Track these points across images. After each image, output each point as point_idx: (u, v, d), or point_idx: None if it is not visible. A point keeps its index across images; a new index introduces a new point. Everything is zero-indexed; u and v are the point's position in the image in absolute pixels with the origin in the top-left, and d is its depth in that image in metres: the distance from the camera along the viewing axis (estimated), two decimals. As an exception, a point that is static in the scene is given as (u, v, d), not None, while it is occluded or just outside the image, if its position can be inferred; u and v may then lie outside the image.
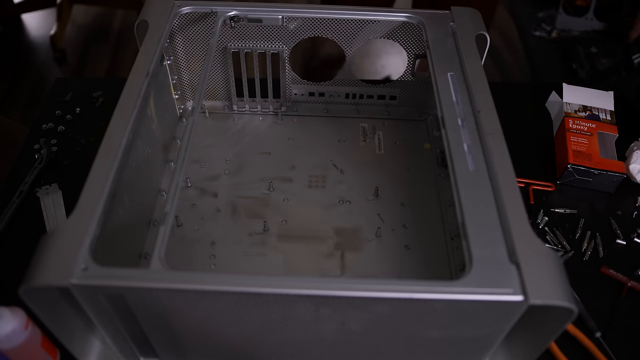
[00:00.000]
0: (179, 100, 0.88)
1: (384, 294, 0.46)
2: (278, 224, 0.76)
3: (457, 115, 0.62)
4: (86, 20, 2.48)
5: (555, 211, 0.83)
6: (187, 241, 0.74)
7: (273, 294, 0.46)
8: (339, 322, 0.51)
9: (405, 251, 0.73)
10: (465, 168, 0.56)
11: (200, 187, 0.80)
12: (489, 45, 0.74)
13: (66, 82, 1.02)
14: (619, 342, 0.69)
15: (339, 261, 0.71)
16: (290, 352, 0.58)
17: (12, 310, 0.57)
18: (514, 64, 2.26)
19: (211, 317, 0.51)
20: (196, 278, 0.47)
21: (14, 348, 0.57)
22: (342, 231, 0.75)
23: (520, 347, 0.58)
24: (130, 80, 0.64)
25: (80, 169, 0.74)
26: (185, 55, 0.85)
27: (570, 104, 0.92)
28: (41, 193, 0.82)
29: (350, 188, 0.80)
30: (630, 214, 0.84)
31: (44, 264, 0.46)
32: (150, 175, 0.74)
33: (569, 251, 0.78)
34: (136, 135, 0.62)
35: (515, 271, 0.47)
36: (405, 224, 0.76)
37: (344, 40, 0.83)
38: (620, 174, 0.84)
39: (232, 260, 0.72)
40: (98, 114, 0.96)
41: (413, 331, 0.52)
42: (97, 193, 0.52)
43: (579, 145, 0.87)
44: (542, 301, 0.45)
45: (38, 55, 2.30)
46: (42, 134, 0.92)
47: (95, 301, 0.49)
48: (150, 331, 0.55)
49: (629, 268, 0.76)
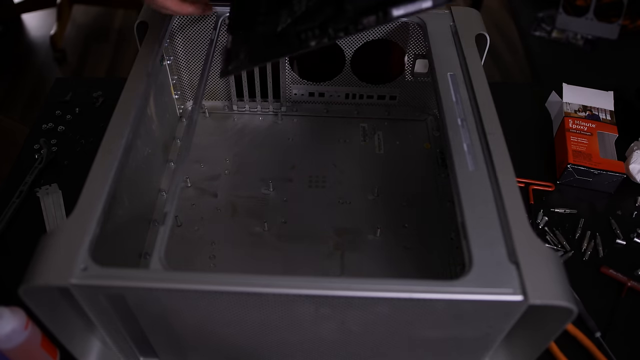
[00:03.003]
0: (179, 100, 0.88)
1: (384, 294, 0.46)
2: (278, 224, 0.76)
3: (457, 115, 0.62)
4: (86, 20, 2.48)
5: (555, 211, 0.84)
6: (187, 241, 0.74)
7: (273, 294, 0.46)
8: (339, 322, 0.51)
9: (405, 251, 0.73)
10: (465, 168, 0.56)
11: (200, 187, 0.80)
12: (488, 45, 0.74)
13: (66, 82, 1.02)
14: (619, 342, 0.69)
15: (339, 261, 0.71)
16: (290, 352, 0.58)
17: (12, 310, 0.57)
18: (514, 64, 2.26)
19: (211, 317, 0.51)
20: (196, 278, 0.47)
21: (13, 348, 0.57)
22: (342, 231, 0.75)
23: (520, 347, 0.58)
24: (130, 80, 0.64)
25: (80, 169, 0.74)
26: (185, 55, 0.85)
27: (570, 104, 0.92)
28: (41, 193, 0.82)
29: (350, 188, 0.80)
30: (630, 214, 0.84)
31: (44, 264, 0.46)
32: (150, 175, 0.74)
33: (568, 251, 0.78)
34: (136, 135, 0.62)
35: (515, 271, 0.47)
36: (405, 224, 0.76)
37: (344, 40, 0.83)
38: (620, 174, 0.84)
39: (232, 260, 0.72)
40: (98, 114, 0.96)
41: (413, 331, 0.52)
42: (97, 193, 0.52)
43: (578, 145, 0.87)
44: (541, 301, 0.45)
45: (38, 55, 2.30)
46: (42, 134, 0.92)
47: (95, 301, 0.49)
48: (150, 331, 0.55)
49: (629, 268, 0.76)
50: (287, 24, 0.54)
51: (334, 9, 0.51)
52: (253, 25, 0.58)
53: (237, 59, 0.56)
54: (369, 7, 0.48)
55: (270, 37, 0.55)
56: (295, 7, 0.55)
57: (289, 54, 0.53)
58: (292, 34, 0.53)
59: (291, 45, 0.52)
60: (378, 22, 0.48)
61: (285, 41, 0.53)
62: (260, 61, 0.56)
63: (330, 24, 0.50)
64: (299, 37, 0.52)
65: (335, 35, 0.50)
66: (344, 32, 0.50)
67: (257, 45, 0.56)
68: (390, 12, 0.47)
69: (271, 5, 0.59)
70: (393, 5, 0.47)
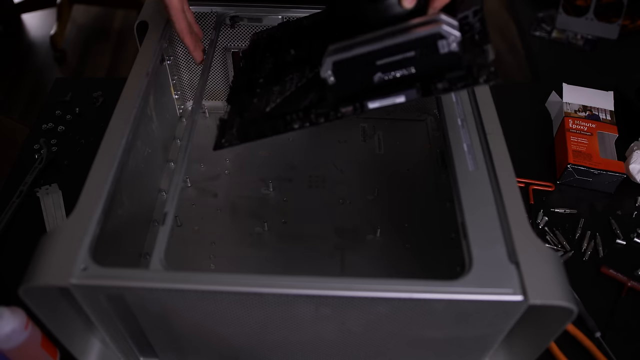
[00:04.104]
0: (179, 100, 0.88)
1: (384, 293, 0.46)
2: (278, 224, 0.76)
3: (457, 115, 0.62)
4: (86, 20, 2.48)
5: (555, 211, 0.84)
6: (187, 241, 0.74)
7: (273, 294, 0.46)
8: (339, 322, 0.51)
9: (405, 251, 0.73)
10: (465, 168, 0.56)
11: (200, 187, 0.80)
12: (489, 45, 0.74)
13: (66, 82, 1.02)
14: (619, 342, 0.69)
15: (339, 261, 0.71)
16: (290, 352, 0.58)
17: (12, 310, 0.57)
18: (514, 64, 2.26)
19: (211, 317, 0.51)
20: (196, 278, 0.47)
21: (13, 348, 0.57)
22: (342, 231, 0.75)
23: (520, 347, 0.58)
24: (130, 80, 0.64)
25: (80, 169, 0.75)
26: (185, 55, 0.85)
27: (570, 104, 0.92)
28: (41, 193, 0.82)
29: (350, 188, 0.80)
30: (630, 214, 0.84)
31: (43, 264, 0.46)
32: (150, 175, 0.74)
33: (568, 251, 0.78)
34: (136, 135, 0.62)
35: (515, 271, 0.47)
36: (405, 224, 0.76)
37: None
38: (620, 174, 0.84)
39: (232, 260, 0.72)
40: (98, 114, 0.96)
41: (413, 331, 0.52)
42: (97, 193, 0.52)
43: (579, 145, 0.87)
44: (541, 301, 0.45)
45: (38, 55, 2.30)
46: (42, 134, 0.92)
47: (95, 301, 0.49)
48: (150, 331, 0.55)
49: (629, 268, 0.76)
50: (276, 104, 0.58)
51: (318, 96, 0.55)
52: (248, 99, 0.62)
53: (230, 132, 0.59)
54: (348, 98, 0.52)
55: (260, 115, 0.59)
56: (288, 84, 0.59)
57: (273, 135, 0.57)
58: (278, 115, 0.57)
59: (276, 127, 0.56)
60: (355, 112, 0.52)
61: (272, 123, 0.57)
62: (247, 139, 0.59)
63: (312, 110, 0.55)
64: (284, 119, 0.56)
65: (317, 120, 0.54)
66: (325, 117, 0.54)
67: (247, 121, 0.60)
68: (366, 105, 0.52)
69: (268, 78, 0.63)
70: (369, 99, 0.51)
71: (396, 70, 0.50)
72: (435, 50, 0.49)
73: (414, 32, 0.48)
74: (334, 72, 0.51)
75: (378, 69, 0.50)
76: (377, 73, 0.51)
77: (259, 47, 0.71)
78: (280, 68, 0.63)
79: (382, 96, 0.51)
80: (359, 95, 0.52)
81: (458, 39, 0.48)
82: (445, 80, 0.50)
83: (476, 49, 0.50)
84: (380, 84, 0.51)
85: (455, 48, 0.48)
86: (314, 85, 0.55)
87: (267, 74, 0.64)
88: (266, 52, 0.68)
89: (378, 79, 0.51)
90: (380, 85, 0.51)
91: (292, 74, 0.61)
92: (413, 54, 0.49)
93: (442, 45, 0.48)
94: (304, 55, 0.63)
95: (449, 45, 0.48)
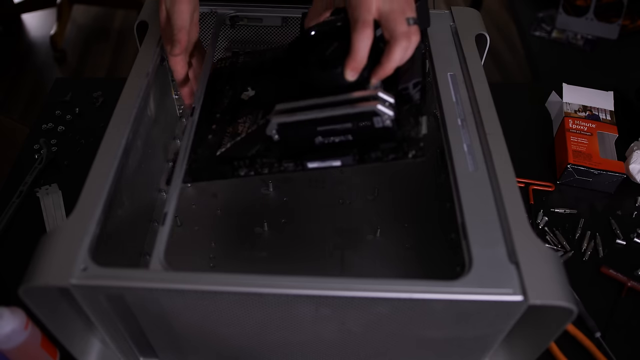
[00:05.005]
0: (179, 100, 0.88)
1: (384, 294, 0.46)
2: (278, 224, 0.76)
3: (457, 115, 0.62)
4: (86, 20, 2.48)
5: (555, 211, 0.84)
6: (187, 241, 0.74)
7: (273, 294, 0.46)
8: (339, 322, 0.51)
9: (405, 251, 0.73)
10: (465, 168, 0.56)
11: (200, 187, 0.80)
12: (488, 45, 0.74)
13: (66, 82, 1.02)
14: (619, 342, 0.69)
15: (339, 261, 0.71)
16: (290, 352, 0.58)
17: (12, 310, 0.57)
18: (514, 64, 2.26)
19: (211, 317, 0.51)
20: (196, 278, 0.47)
21: (13, 348, 0.57)
22: (342, 231, 0.75)
23: (520, 347, 0.58)
24: (130, 80, 0.64)
25: (80, 169, 0.75)
26: (185, 55, 0.84)
27: (570, 104, 0.92)
28: (41, 193, 0.82)
29: (350, 188, 0.80)
30: (630, 214, 0.84)
31: (43, 264, 0.46)
32: (150, 175, 0.74)
33: (568, 251, 0.78)
34: (136, 135, 0.62)
35: (515, 271, 0.47)
36: (405, 224, 0.76)
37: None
38: (620, 174, 0.84)
39: (232, 260, 0.72)
40: (98, 114, 0.96)
41: (413, 331, 0.52)
42: (97, 193, 0.52)
43: (578, 145, 0.87)
44: (541, 301, 0.45)
45: (38, 55, 2.30)
46: (42, 134, 0.92)
47: (95, 301, 0.49)
48: (150, 331, 0.55)
49: (629, 268, 0.76)
50: (226, 149, 0.61)
51: (265, 146, 0.59)
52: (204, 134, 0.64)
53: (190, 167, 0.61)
54: (290, 155, 0.57)
55: (211, 157, 0.61)
56: (240, 127, 0.63)
57: (221, 179, 0.60)
58: (227, 160, 0.60)
59: (224, 173, 0.60)
60: (295, 169, 0.57)
61: (220, 169, 0.60)
62: (198, 179, 0.62)
63: (258, 160, 0.59)
64: (232, 165, 0.59)
65: (261, 170, 0.58)
66: (269, 169, 0.58)
67: (200, 161, 0.62)
68: (305, 164, 0.57)
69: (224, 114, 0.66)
70: (309, 160, 0.56)
71: (335, 137, 0.55)
72: (371, 124, 0.53)
73: (353, 107, 0.53)
74: (278, 131, 0.55)
75: (319, 134, 0.55)
76: (318, 137, 0.55)
77: (221, 76, 0.72)
78: (235, 107, 0.66)
79: (321, 159, 0.56)
80: (300, 154, 0.57)
81: (392, 117, 0.53)
82: (379, 151, 0.55)
83: (412, 119, 0.56)
84: (320, 146, 0.56)
85: (389, 124, 0.53)
86: (262, 134, 0.57)
87: (224, 109, 0.67)
88: (226, 84, 0.70)
89: (319, 142, 0.56)
90: (320, 148, 0.56)
91: (245, 116, 0.64)
92: (350, 125, 0.54)
93: (377, 121, 0.53)
94: (259, 96, 0.66)
95: (383, 122, 0.53)
